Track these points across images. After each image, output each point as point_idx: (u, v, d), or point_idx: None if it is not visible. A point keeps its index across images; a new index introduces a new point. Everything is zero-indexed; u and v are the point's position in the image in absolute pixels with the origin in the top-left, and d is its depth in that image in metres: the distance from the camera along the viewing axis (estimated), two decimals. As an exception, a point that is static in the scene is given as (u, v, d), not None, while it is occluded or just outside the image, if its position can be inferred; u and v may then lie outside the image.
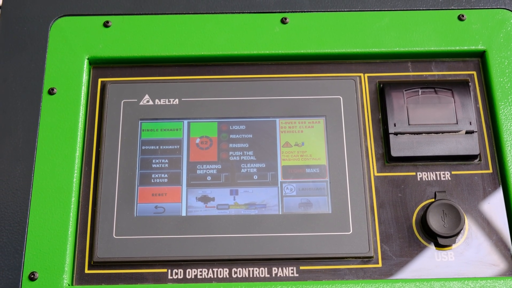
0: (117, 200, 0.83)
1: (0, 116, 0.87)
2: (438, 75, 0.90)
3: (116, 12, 0.93)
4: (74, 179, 0.84)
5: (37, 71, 0.89)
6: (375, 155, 0.86)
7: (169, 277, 0.80)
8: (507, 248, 0.81)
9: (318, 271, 0.80)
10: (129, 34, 0.91)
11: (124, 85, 0.89)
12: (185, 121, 0.88)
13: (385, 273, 0.80)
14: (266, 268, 0.81)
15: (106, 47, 0.91)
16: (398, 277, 0.80)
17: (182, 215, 0.83)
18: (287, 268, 0.80)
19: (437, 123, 0.85)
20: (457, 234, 0.80)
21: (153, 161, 0.85)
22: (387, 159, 0.85)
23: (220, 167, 0.85)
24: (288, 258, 0.80)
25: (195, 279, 0.80)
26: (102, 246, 0.81)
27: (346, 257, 0.80)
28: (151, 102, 0.88)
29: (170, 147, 0.86)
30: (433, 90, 0.88)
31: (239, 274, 0.80)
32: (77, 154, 0.85)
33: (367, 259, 0.81)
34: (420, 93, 0.88)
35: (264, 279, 0.80)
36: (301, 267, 0.80)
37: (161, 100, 0.89)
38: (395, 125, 0.86)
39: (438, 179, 0.84)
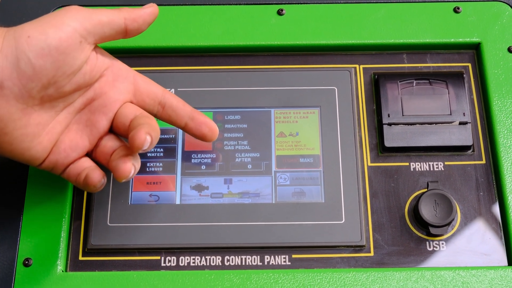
0: (112, 188, 0.84)
1: None
2: (433, 66, 0.90)
3: (113, 3, 0.94)
4: (70, 167, 0.84)
5: (35, 61, 0.90)
6: (369, 146, 0.86)
7: (162, 264, 0.81)
8: (499, 238, 0.81)
9: (310, 259, 0.81)
10: (127, 24, 0.92)
11: (120, 74, 0.90)
12: (181, 111, 0.88)
13: (377, 262, 0.80)
14: (258, 256, 0.81)
15: (104, 37, 0.91)
16: (389, 266, 0.80)
17: (176, 203, 0.83)
18: (279, 256, 0.81)
19: (431, 114, 0.86)
20: (448, 224, 0.80)
21: (149, 150, 0.86)
22: (381, 149, 0.86)
23: (215, 156, 0.86)
24: (281, 246, 0.81)
25: (188, 267, 0.81)
26: (97, 233, 0.82)
27: (338, 246, 0.81)
28: (147, 92, 0.89)
29: (165, 136, 0.87)
30: (427, 81, 0.88)
31: (232, 262, 0.81)
32: (73, 142, 0.86)
33: (359, 248, 0.81)
34: (414, 85, 0.88)
35: (256, 267, 0.80)
36: (293, 256, 0.81)
37: (157, 90, 0.89)
38: (389, 116, 0.86)
39: (431, 169, 0.85)
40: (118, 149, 0.76)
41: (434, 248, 0.81)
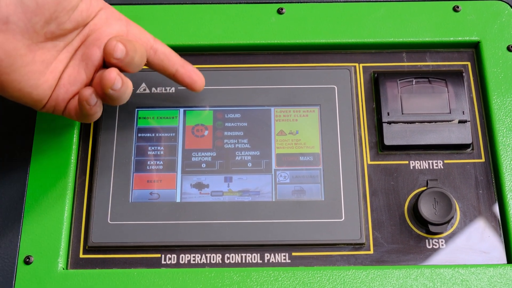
0: (113, 186, 0.84)
1: (-2, 103, 0.88)
2: (432, 65, 0.91)
3: (113, 2, 0.94)
4: (71, 165, 0.84)
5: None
6: (369, 144, 0.87)
7: (163, 262, 0.81)
8: (498, 236, 0.82)
9: (310, 257, 0.81)
10: (127, 23, 0.92)
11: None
12: (181, 109, 0.89)
13: (377, 259, 0.81)
14: (258, 254, 0.81)
15: (104, 36, 0.92)
16: (389, 264, 0.80)
17: (177, 201, 0.83)
18: (279, 254, 0.81)
19: (430, 113, 0.86)
20: (448, 222, 0.81)
21: (149, 148, 0.86)
22: (380, 147, 0.86)
23: (215, 154, 0.86)
24: (281, 244, 0.81)
25: (188, 264, 0.81)
26: (97, 231, 0.82)
27: (338, 244, 0.81)
28: (147, 91, 0.89)
29: (166, 134, 0.87)
30: (427, 80, 0.88)
31: (232, 260, 0.81)
32: (74, 140, 0.86)
33: (359, 245, 0.81)
34: (414, 83, 0.88)
35: (256, 265, 0.81)
36: (293, 253, 0.81)
37: (158, 88, 0.90)
38: (388, 114, 0.86)
39: (431, 167, 0.85)
40: None
41: (434, 246, 0.81)
